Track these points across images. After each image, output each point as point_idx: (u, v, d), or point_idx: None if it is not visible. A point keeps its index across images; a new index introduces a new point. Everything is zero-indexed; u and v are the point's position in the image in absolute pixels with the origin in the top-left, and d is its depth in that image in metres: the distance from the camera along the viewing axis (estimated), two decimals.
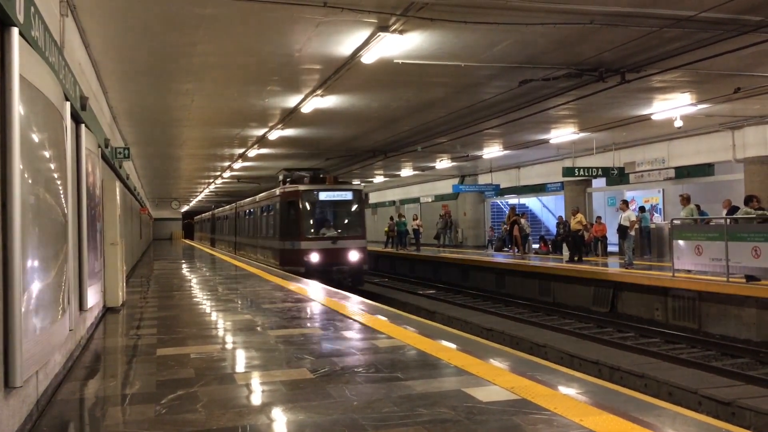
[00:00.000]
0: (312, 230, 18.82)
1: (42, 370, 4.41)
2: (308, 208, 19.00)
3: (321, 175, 21.12)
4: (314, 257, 17.98)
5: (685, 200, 15.32)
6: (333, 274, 17.60)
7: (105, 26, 8.51)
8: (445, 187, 33.20)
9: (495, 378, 5.00)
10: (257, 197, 25.62)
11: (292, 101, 13.46)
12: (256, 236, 25.15)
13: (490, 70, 11.15)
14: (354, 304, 9.85)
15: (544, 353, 11.02)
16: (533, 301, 17.17)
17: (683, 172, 20.35)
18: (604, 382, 4.98)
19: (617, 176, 21.46)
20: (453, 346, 6.42)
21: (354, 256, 18.45)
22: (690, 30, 8.90)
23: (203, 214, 59.13)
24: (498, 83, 12.13)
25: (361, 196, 19.67)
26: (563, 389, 4.67)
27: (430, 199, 36.35)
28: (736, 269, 11.84)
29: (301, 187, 19.14)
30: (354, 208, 19.55)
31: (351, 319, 8.36)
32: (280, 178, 22.38)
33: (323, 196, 19.18)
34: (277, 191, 20.82)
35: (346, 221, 19.50)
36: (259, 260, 22.97)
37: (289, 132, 17.07)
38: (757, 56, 10.25)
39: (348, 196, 19.44)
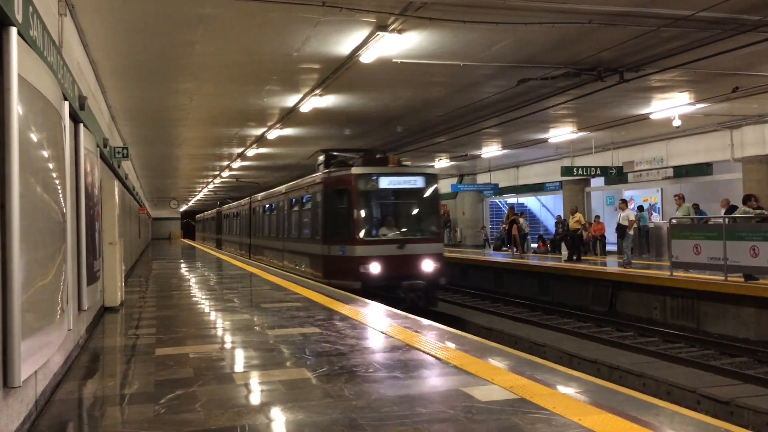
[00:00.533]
0: (371, 230, 13.83)
1: (41, 370, 4.41)
2: (366, 199, 14.07)
3: (378, 155, 15.99)
4: (374, 268, 13.12)
5: (681, 200, 15.35)
6: (401, 291, 12.98)
7: (104, 26, 8.50)
8: (444, 186, 33.21)
9: (494, 377, 5.00)
10: (285, 187, 20.05)
11: (290, 101, 13.47)
12: (283, 237, 19.55)
13: (489, 70, 11.16)
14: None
15: (543, 352, 11.02)
16: (532, 301, 17.18)
17: (682, 172, 20.38)
18: (603, 382, 4.99)
19: (616, 175, 21.49)
20: (452, 345, 6.42)
21: (428, 265, 13.51)
22: (688, 29, 8.91)
23: (207, 212, 53.73)
24: (496, 82, 12.15)
25: (436, 184, 14.61)
26: (562, 388, 4.68)
27: None
28: (735, 268, 11.86)
29: (356, 171, 13.96)
30: (427, 199, 14.49)
31: (348, 318, 8.36)
32: (320, 160, 16.77)
33: (386, 182, 14.03)
34: (318, 177, 15.50)
35: (418, 218, 14.67)
36: (288, 268, 18.04)
37: (288, 131, 17.08)
38: (755, 56, 10.27)
39: (419, 182, 14.27)
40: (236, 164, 25.48)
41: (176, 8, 7.91)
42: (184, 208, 61.14)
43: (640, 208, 21.03)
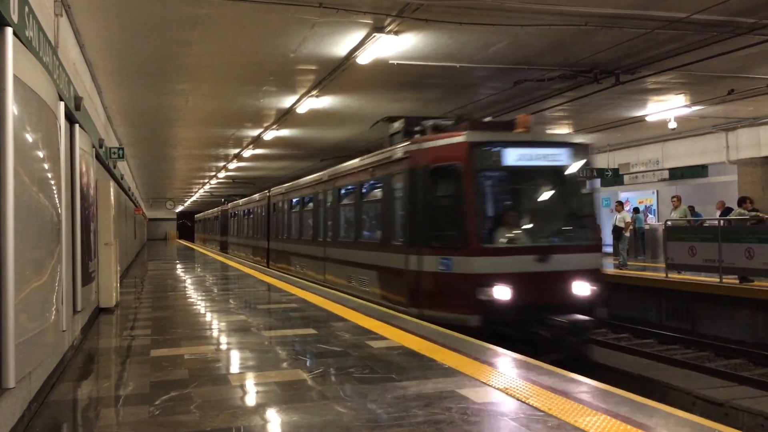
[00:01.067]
0: (496, 233, 8.86)
1: (35, 371, 4.39)
2: (487, 183, 9.33)
3: (487, 119, 11.64)
4: (502, 293, 8.34)
5: (678, 201, 15.42)
6: (543, 327, 8.33)
7: (100, 26, 8.49)
8: None
9: (489, 379, 5.01)
10: (329, 173, 14.56)
11: (287, 102, 13.47)
12: (327, 242, 14.40)
13: (485, 71, 11.18)
14: None
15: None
16: None
17: (677, 174, 20.44)
18: (598, 383, 4.99)
19: (612, 177, 21.53)
20: (447, 346, 6.42)
21: (582, 288, 8.72)
22: (683, 32, 8.95)
23: (208, 211, 48.77)
24: (493, 84, 12.17)
25: (588, 159, 9.44)
26: (557, 390, 4.68)
27: None
28: (730, 270, 11.90)
29: (472, 137, 8.88)
30: (579, 184, 9.56)
31: (344, 320, 8.35)
32: (395, 127, 11.34)
33: (517, 156, 8.97)
34: (399, 151, 10.17)
35: (567, 214, 9.53)
36: (334, 284, 13.27)
37: (284, 132, 17.08)
38: (750, 58, 10.31)
39: (563, 157, 9.27)
40: (232, 165, 25.46)
41: (173, 9, 7.90)
42: (180, 208, 61.06)
43: (636, 210, 21.08)
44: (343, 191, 13.57)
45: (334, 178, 14.11)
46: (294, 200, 18.28)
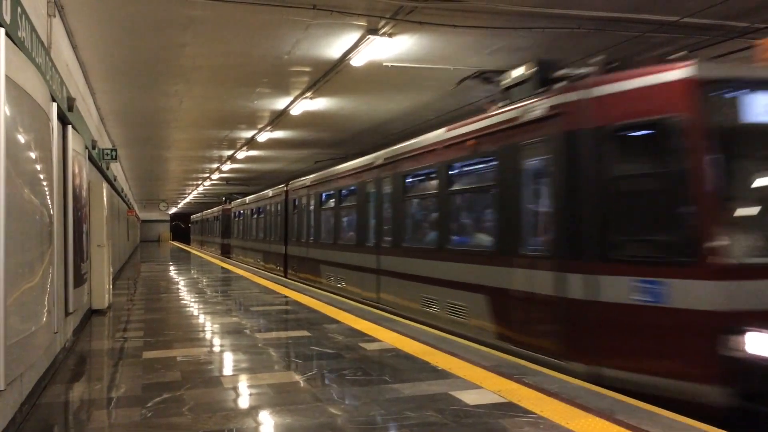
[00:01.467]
0: (752, 240, 5.02)
1: (26, 373, 4.38)
2: (736, 152, 5.19)
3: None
4: None
5: None
6: None
7: (93, 27, 8.46)
8: None
9: (482, 381, 5.02)
10: (386, 154, 10.99)
11: (281, 103, 13.46)
12: (381, 248, 10.78)
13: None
14: None
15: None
16: None
17: None
18: (591, 385, 5.01)
19: None
20: (441, 348, 6.42)
21: None
22: (676, 35, 9.01)
23: (207, 211, 44.32)
24: (488, 86, 12.17)
25: None
26: (550, 392, 4.69)
27: None
28: None
29: (707, 72, 5.14)
30: None
31: (337, 322, 8.34)
32: (519, 75, 7.57)
33: None
34: (539, 108, 6.51)
35: None
36: (393, 305, 9.93)
37: (279, 134, 17.07)
38: (743, 62, 10.37)
39: None
40: (226, 166, 25.42)
41: (166, 10, 7.88)
42: (173, 210, 60.94)
43: None
44: (412, 178, 9.92)
45: (394, 161, 10.38)
46: (325, 194, 14.70)
